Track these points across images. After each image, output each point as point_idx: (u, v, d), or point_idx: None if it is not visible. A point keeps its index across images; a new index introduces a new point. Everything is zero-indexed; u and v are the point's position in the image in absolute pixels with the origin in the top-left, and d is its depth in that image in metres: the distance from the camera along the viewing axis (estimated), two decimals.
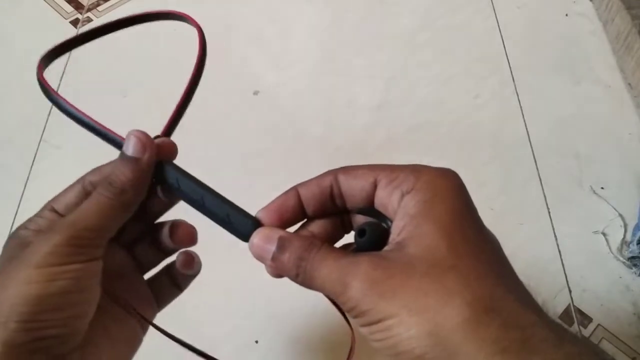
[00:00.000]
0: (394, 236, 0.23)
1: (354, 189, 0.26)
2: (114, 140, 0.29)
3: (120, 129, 0.30)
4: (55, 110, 0.63)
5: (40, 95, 0.70)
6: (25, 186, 0.58)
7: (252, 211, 0.28)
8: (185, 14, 0.34)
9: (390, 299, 0.21)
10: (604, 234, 0.54)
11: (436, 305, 0.21)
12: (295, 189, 0.27)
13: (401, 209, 0.24)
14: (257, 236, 0.26)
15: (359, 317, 0.23)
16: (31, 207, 0.56)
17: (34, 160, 0.60)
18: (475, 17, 0.70)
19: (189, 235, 0.32)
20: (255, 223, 0.27)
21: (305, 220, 0.28)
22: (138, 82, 0.66)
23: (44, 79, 0.31)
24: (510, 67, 0.66)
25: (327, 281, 0.23)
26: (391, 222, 0.25)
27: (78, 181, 0.30)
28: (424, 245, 0.22)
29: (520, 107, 0.63)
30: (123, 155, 0.28)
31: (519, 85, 0.64)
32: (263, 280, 0.35)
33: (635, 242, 0.52)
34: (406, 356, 0.21)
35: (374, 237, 0.24)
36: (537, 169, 0.58)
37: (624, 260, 0.52)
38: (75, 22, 0.71)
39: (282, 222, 0.27)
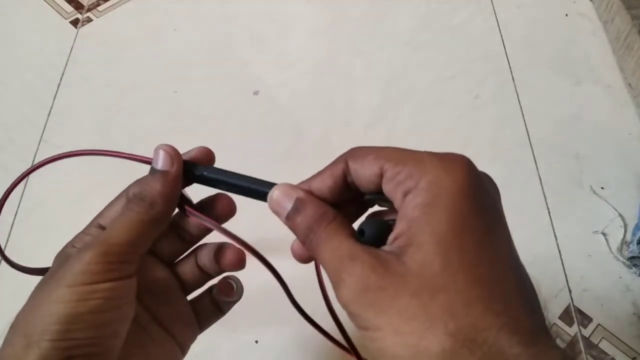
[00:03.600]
0: (395, 235, 0.23)
1: (361, 178, 0.25)
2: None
3: (123, 129, 0.30)
4: (55, 110, 0.64)
5: (40, 95, 0.70)
6: (25, 186, 0.58)
7: (254, 212, 0.28)
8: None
9: (379, 311, 0.21)
10: (604, 234, 0.54)
11: (419, 331, 0.20)
12: (308, 184, 0.27)
13: (403, 208, 0.23)
14: (277, 191, 0.26)
15: (350, 317, 0.23)
16: (31, 207, 0.57)
17: (34, 160, 0.60)
18: (475, 17, 0.70)
19: (238, 259, 0.32)
20: None
21: None
22: (140, 82, 0.66)
23: None
24: (510, 67, 0.66)
25: (327, 265, 0.24)
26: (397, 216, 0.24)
27: (122, 194, 0.30)
28: (418, 258, 0.22)
29: (520, 107, 0.63)
30: (153, 170, 0.28)
31: (519, 85, 0.64)
32: (263, 281, 0.35)
33: (635, 242, 0.52)
34: None
35: (373, 236, 0.24)
36: (537, 169, 0.58)
37: (624, 260, 0.52)
38: (75, 22, 0.71)
39: None
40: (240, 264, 0.32)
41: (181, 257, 0.33)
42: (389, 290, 0.21)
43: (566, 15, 0.71)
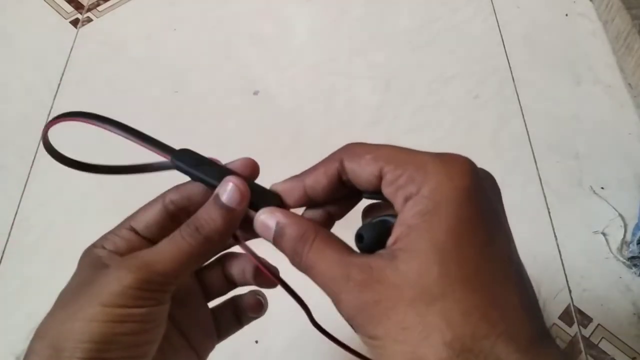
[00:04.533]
0: (394, 239, 0.23)
1: (359, 178, 0.25)
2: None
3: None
4: (55, 110, 0.64)
5: (40, 95, 0.70)
6: (25, 186, 0.58)
7: None
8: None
9: (377, 324, 0.21)
10: (604, 234, 0.54)
11: (416, 340, 0.21)
12: (301, 181, 0.26)
13: (403, 213, 0.23)
14: (261, 216, 0.26)
15: (353, 328, 0.23)
16: (31, 207, 0.57)
17: (34, 160, 0.60)
18: (475, 17, 0.70)
19: (274, 278, 0.32)
20: (275, 197, 0.27)
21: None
22: (140, 82, 0.66)
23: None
24: (510, 67, 0.66)
25: (322, 287, 0.24)
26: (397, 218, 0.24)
27: (158, 199, 0.28)
28: (415, 267, 0.21)
29: (520, 107, 0.63)
30: (217, 201, 0.26)
31: (519, 85, 0.64)
32: None
33: (635, 242, 0.52)
34: None
35: (372, 241, 0.24)
36: (537, 169, 0.58)
37: (624, 260, 0.52)
38: (75, 22, 0.71)
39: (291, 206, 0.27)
40: (274, 284, 0.32)
41: (207, 262, 0.32)
42: (385, 303, 0.21)
43: (566, 15, 0.71)
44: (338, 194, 0.26)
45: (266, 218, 0.26)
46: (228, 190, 0.26)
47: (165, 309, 0.26)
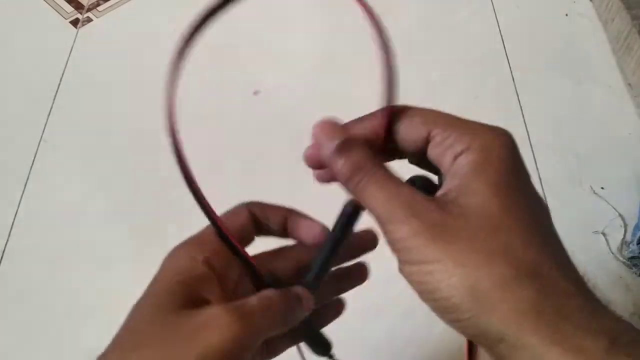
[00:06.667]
0: (445, 190, 0.23)
1: (407, 139, 0.26)
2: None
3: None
4: (55, 110, 0.64)
5: (40, 95, 0.70)
6: (25, 186, 0.58)
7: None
8: None
9: (441, 245, 0.22)
10: (604, 234, 0.54)
11: (481, 263, 0.21)
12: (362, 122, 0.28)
13: (454, 167, 0.24)
14: (322, 125, 0.27)
15: (401, 253, 0.23)
16: (31, 207, 0.57)
17: (34, 160, 0.60)
18: (475, 17, 0.70)
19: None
20: None
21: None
22: (140, 82, 0.66)
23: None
24: (510, 67, 0.66)
25: (382, 205, 0.23)
26: (444, 177, 0.24)
27: (241, 206, 0.30)
28: (476, 201, 0.22)
29: (520, 107, 0.63)
30: (292, 293, 0.27)
31: (519, 85, 0.64)
32: None
33: (635, 242, 0.52)
34: (443, 302, 0.21)
35: (425, 186, 0.25)
36: (537, 169, 0.58)
37: (624, 260, 0.52)
38: (75, 22, 0.71)
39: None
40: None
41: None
42: (452, 226, 0.22)
43: (566, 15, 0.71)
44: (385, 149, 0.27)
45: (332, 126, 0.28)
46: (301, 301, 0.28)
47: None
